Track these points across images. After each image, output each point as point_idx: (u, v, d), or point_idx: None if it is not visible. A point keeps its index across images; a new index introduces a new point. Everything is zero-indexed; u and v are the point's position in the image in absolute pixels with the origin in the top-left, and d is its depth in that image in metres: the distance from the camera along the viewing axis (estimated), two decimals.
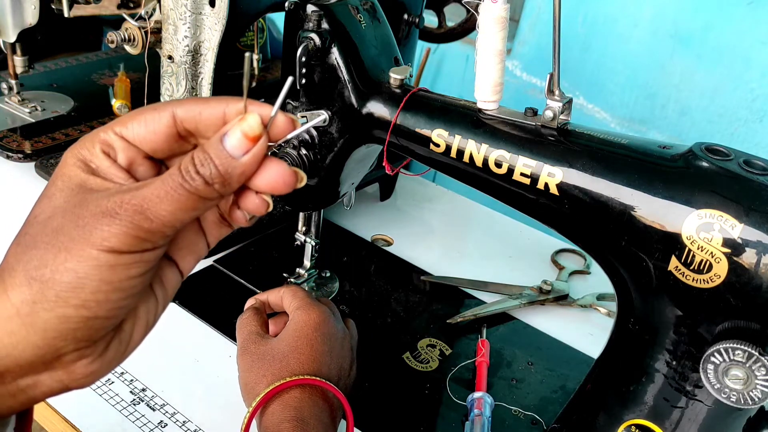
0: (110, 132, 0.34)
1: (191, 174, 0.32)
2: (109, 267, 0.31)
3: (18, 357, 0.32)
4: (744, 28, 1.14)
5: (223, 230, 0.38)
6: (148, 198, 0.31)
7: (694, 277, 0.46)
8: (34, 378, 0.33)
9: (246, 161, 0.32)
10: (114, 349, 0.34)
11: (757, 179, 0.46)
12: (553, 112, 0.53)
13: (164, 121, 0.34)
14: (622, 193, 0.49)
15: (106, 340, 0.34)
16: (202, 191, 0.32)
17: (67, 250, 0.31)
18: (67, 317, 0.31)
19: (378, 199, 1.02)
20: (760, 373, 0.43)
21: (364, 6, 0.64)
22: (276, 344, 0.60)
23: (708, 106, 1.21)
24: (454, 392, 0.69)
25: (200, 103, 0.35)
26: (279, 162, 0.34)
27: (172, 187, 0.31)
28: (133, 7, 0.85)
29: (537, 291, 0.84)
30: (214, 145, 0.32)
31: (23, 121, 1.02)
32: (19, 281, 0.31)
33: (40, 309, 0.31)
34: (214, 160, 0.32)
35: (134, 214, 0.31)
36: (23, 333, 0.31)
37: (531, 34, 1.39)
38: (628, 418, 0.53)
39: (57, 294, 0.31)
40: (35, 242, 0.32)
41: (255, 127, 0.32)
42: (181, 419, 0.63)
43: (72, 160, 0.34)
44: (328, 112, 0.63)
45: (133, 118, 0.35)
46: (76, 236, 0.31)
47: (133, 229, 0.31)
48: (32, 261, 0.31)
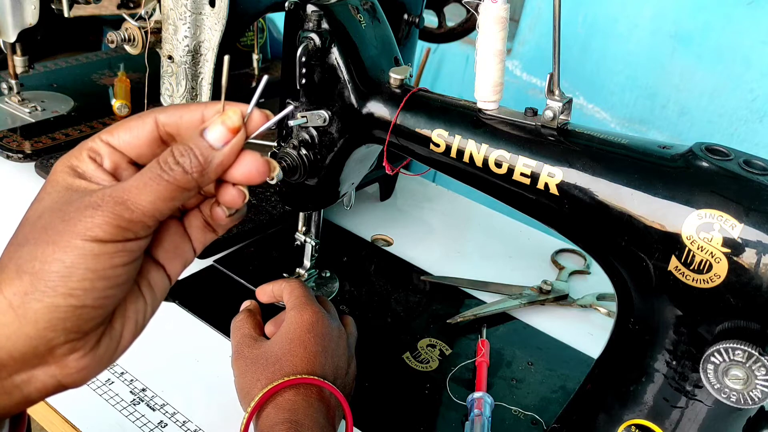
0: (97, 140, 0.37)
1: (170, 165, 0.34)
2: (93, 256, 0.33)
3: (11, 349, 0.33)
4: (744, 28, 1.14)
5: (208, 236, 0.40)
6: (128, 189, 0.34)
7: (694, 277, 0.46)
8: (28, 373, 0.34)
9: (226, 151, 0.35)
10: (105, 346, 0.36)
11: (757, 179, 0.46)
12: (553, 112, 0.53)
13: (147, 127, 0.37)
14: (622, 193, 0.49)
15: (97, 334, 0.35)
16: (181, 180, 0.34)
17: (54, 243, 0.33)
18: (57, 306, 0.33)
19: (378, 199, 1.02)
20: (760, 373, 0.43)
21: (364, 6, 0.64)
22: (270, 347, 0.60)
23: (708, 106, 1.21)
24: (454, 392, 0.69)
25: (181, 108, 0.37)
26: (252, 153, 0.36)
27: (151, 177, 0.34)
28: (133, 7, 0.85)
29: (537, 291, 0.84)
30: (194, 137, 0.35)
31: (23, 121, 1.02)
32: (10, 276, 0.33)
33: (31, 300, 0.33)
34: (194, 150, 0.35)
35: (115, 205, 0.33)
36: (16, 325, 0.33)
37: (531, 34, 1.39)
38: (628, 418, 0.53)
39: (46, 284, 0.33)
40: (26, 240, 0.34)
41: (235, 119, 0.35)
42: (181, 419, 0.63)
43: (61, 167, 0.36)
44: (328, 112, 0.63)
45: (119, 126, 0.37)
46: (62, 229, 0.33)
47: (114, 219, 0.33)
48: (23, 256, 0.33)
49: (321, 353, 0.59)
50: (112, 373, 0.66)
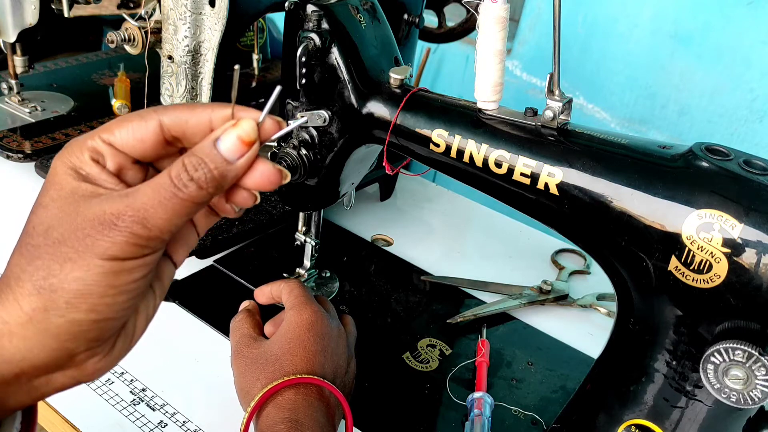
0: (97, 139, 0.36)
1: (183, 181, 0.33)
2: (113, 273, 0.33)
3: (33, 360, 0.34)
4: (744, 28, 1.14)
5: (211, 219, 0.40)
6: (144, 208, 0.33)
7: (694, 277, 0.46)
8: (48, 377, 0.35)
9: (241, 164, 0.34)
10: (120, 345, 0.37)
11: (757, 179, 0.46)
12: (553, 112, 0.53)
13: (151, 129, 0.36)
14: (622, 193, 0.49)
15: (114, 337, 0.36)
16: (196, 197, 0.34)
17: (72, 261, 0.33)
18: (79, 321, 0.33)
19: (378, 199, 1.02)
20: (760, 373, 0.43)
21: (364, 6, 0.64)
22: (269, 347, 0.60)
23: (708, 106, 1.21)
24: (454, 392, 0.69)
25: (186, 110, 0.36)
26: (266, 162, 0.35)
27: (166, 197, 0.33)
28: (133, 7, 0.85)
29: (537, 291, 0.84)
30: (208, 150, 0.34)
31: (23, 121, 1.02)
32: (28, 291, 0.33)
33: (52, 315, 0.33)
34: (209, 164, 0.33)
35: (132, 225, 0.33)
36: (38, 338, 0.33)
37: (531, 34, 1.39)
38: (628, 418, 0.53)
39: (67, 301, 0.33)
40: (39, 253, 0.33)
41: (251, 132, 0.34)
42: (181, 419, 0.63)
43: (62, 168, 0.35)
44: (328, 112, 0.63)
45: (119, 125, 0.36)
46: (80, 247, 0.33)
47: (132, 238, 0.33)
48: (39, 271, 0.33)
49: (320, 352, 0.59)
50: (112, 373, 0.66)
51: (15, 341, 0.33)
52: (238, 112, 0.35)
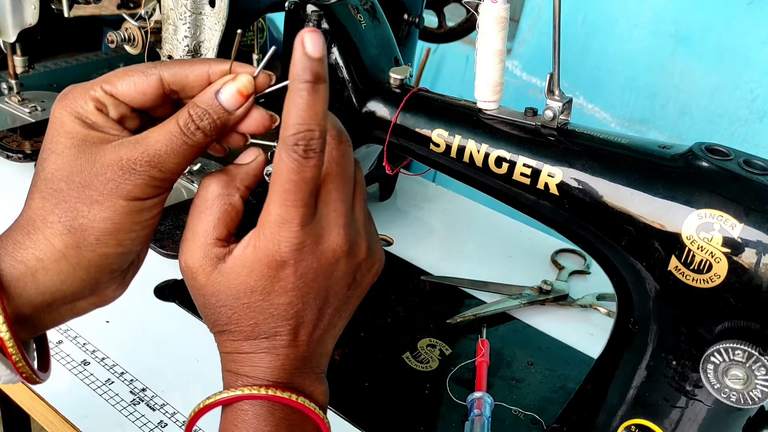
0: (99, 89, 0.39)
1: (191, 130, 0.38)
2: (137, 212, 0.38)
3: (65, 290, 0.39)
4: (744, 28, 1.14)
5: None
6: (158, 155, 0.37)
7: (694, 277, 0.46)
8: (72, 304, 0.40)
9: (239, 114, 0.39)
10: (132, 272, 0.43)
11: (757, 179, 0.46)
12: (553, 112, 0.53)
13: (153, 84, 0.39)
14: (622, 193, 0.49)
15: (128, 266, 0.42)
16: (202, 143, 0.38)
17: (99, 203, 0.37)
18: (107, 254, 0.38)
19: (378, 199, 1.02)
20: (760, 373, 0.43)
21: (364, 6, 0.64)
22: (224, 279, 0.38)
23: (708, 106, 1.21)
24: (454, 392, 0.69)
25: (185, 65, 0.40)
26: (259, 109, 0.40)
27: (177, 143, 0.38)
28: (133, 7, 0.85)
29: (537, 291, 0.84)
30: (209, 100, 0.38)
31: (23, 121, 1.02)
32: (59, 231, 0.37)
33: (84, 251, 0.38)
34: (213, 115, 0.38)
35: (150, 169, 0.37)
36: (71, 271, 0.38)
37: (531, 34, 1.39)
38: (628, 418, 0.53)
39: (97, 238, 0.37)
40: (63, 197, 0.37)
41: (248, 85, 0.39)
42: (181, 419, 0.63)
43: (69, 117, 0.38)
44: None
45: (121, 78, 0.39)
46: (104, 190, 0.37)
47: (150, 181, 0.37)
48: (67, 213, 0.37)
49: (287, 304, 0.38)
50: (112, 373, 0.66)
51: (50, 275, 0.37)
52: (235, 68, 0.39)
